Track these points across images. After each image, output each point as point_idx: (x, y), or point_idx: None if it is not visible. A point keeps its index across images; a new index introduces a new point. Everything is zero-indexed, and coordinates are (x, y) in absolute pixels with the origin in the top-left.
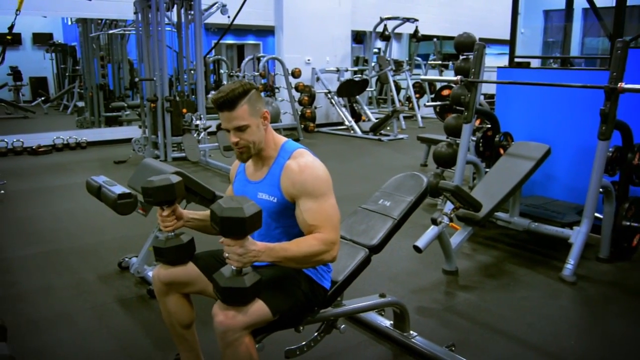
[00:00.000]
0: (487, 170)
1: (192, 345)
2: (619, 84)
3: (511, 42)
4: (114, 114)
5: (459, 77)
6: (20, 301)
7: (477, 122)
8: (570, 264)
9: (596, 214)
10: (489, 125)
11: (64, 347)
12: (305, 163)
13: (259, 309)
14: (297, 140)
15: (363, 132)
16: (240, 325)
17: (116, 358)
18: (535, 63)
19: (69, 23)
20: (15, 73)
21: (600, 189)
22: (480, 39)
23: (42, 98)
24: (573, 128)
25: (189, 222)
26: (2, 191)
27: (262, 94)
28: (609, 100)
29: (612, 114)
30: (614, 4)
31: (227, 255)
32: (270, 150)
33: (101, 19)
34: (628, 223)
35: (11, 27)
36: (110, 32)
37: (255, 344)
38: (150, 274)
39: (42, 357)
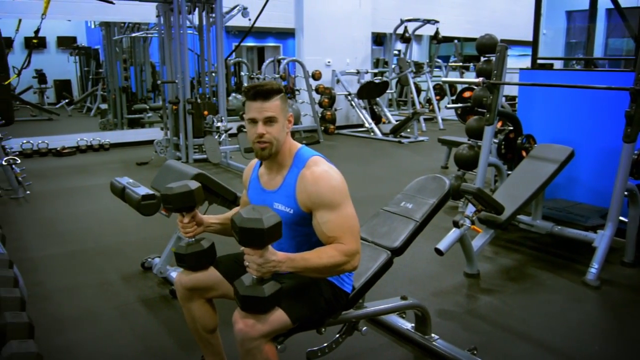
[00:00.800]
0: (509, 172)
1: (217, 349)
2: None
3: (534, 44)
4: (137, 116)
5: (481, 78)
6: (46, 300)
7: (499, 124)
8: (594, 268)
9: (621, 218)
10: (511, 128)
11: (89, 346)
12: (319, 173)
13: (278, 317)
14: (317, 142)
15: (383, 134)
16: (259, 334)
17: (140, 357)
18: (557, 64)
19: (92, 26)
20: (40, 76)
21: (625, 192)
22: (502, 41)
23: (66, 100)
24: (597, 130)
25: (209, 227)
26: (28, 192)
27: None
28: (634, 102)
29: (637, 116)
30: (639, 4)
31: (247, 264)
32: (286, 156)
33: (124, 22)
34: None
35: (37, 31)
36: (133, 35)
37: (276, 350)
38: (172, 274)
39: (67, 355)
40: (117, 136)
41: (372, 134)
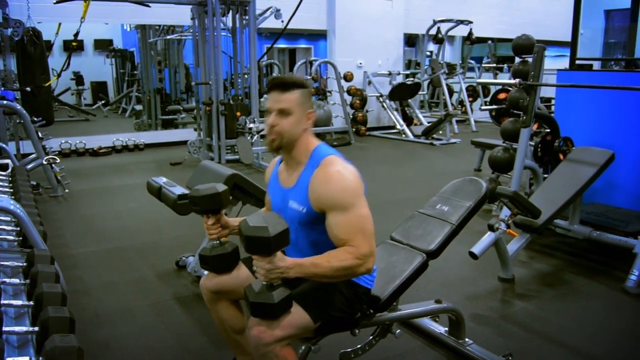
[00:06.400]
0: (546, 176)
1: (246, 349)
2: None
3: (572, 44)
4: (170, 117)
5: (517, 80)
6: (85, 296)
7: (535, 126)
8: (634, 275)
9: None
10: (548, 130)
11: (126, 341)
12: (331, 173)
13: (296, 319)
14: (348, 144)
15: (415, 136)
16: (272, 339)
17: (174, 353)
18: (596, 65)
19: (128, 29)
20: (78, 78)
21: None
22: (537, 41)
23: (102, 101)
24: (638, 133)
25: (234, 230)
26: (67, 190)
27: (314, 97)
28: None
29: None
30: None
31: (255, 269)
32: (302, 154)
33: (159, 25)
34: None
35: (76, 34)
36: (168, 37)
37: (294, 354)
38: (206, 273)
39: (105, 350)
40: (151, 137)
41: (403, 135)
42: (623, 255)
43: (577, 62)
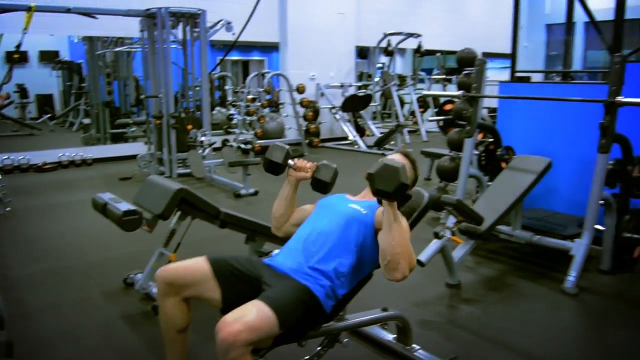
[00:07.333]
0: (490, 183)
1: (181, 352)
2: (617, 97)
3: (512, 57)
4: (120, 130)
5: (461, 92)
6: (27, 318)
7: (480, 136)
8: (571, 276)
9: (597, 226)
10: (491, 139)
11: None
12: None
13: (261, 324)
14: (301, 155)
15: (367, 146)
16: (243, 342)
17: None
18: (537, 77)
19: (75, 41)
20: (22, 90)
21: (601, 201)
22: (484, 53)
23: (48, 115)
24: (574, 141)
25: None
26: (9, 208)
27: (267, 109)
28: (608, 114)
29: (611, 128)
30: (613, 18)
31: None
32: None
33: (107, 37)
34: (629, 235)
35: (18, 46)
36: (117, 49)
37: None
38: (155, 290)
39: None
40: (99, 151)
41: (356, 146)
42: (562, 257)
43: (517, 74)
